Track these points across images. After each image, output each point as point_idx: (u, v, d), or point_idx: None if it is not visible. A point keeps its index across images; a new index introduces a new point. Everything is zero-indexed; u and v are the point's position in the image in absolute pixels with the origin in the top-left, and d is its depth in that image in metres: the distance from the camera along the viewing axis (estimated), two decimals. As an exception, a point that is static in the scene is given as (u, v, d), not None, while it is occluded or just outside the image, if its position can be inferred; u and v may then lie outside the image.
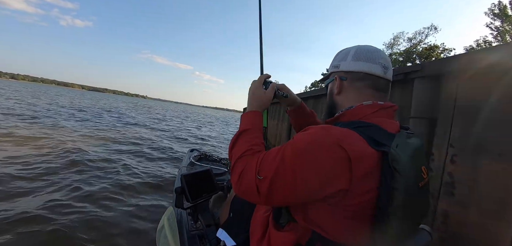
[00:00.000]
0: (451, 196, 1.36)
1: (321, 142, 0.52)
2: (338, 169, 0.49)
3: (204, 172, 1.37)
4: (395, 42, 22.11)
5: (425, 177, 0.57)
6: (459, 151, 1.36)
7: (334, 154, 0.50)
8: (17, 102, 12.06)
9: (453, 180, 1.36)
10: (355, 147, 0.50)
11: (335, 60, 0.75)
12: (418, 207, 0.57)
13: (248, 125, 0.74)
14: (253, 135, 0.71)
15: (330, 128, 0.55)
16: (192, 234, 1.18)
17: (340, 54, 0.74)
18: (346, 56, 0.70)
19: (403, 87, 1.82)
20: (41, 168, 3.15)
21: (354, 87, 0.68)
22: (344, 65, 0.70)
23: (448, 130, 1.42)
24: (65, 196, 2.49)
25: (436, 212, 1.43)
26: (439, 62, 1.50)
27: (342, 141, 0.50)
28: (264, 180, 0.55)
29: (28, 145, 4.23)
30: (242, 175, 0.61)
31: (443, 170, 1.42)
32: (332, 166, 0.50)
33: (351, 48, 0.72)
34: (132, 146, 5.39)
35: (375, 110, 0.63)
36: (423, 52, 19.58)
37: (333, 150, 0.50)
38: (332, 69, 0.75)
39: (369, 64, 0.66)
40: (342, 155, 0.49)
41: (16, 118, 7.04)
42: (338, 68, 0.72)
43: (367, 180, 0.51)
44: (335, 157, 0.50)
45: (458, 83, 1.41)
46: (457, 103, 1.40)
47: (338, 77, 0.70)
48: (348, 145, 0.50)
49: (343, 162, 0.49)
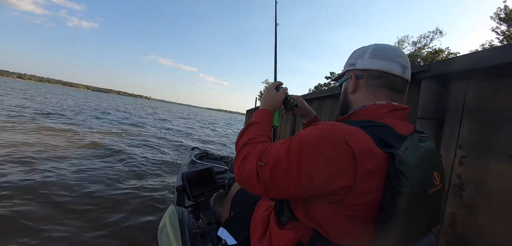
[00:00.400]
0: (460, 198, 1.33)
1: (328, 137, 0.51)
2: (343, 164, 0.49)
3: (205, 170, 1.37)
4: (400, 46, 22.02)
5: (437, 184, 0.55)
6: (468, 152, 1.33)
7: (340, 149, 0.49)
8: (45, 102, 13.17)
9: (462, 181, 1.33)
10: (362, 144, 0.49)
11: (351, 58, 0.73)
12: (426, 214, 0.54)
13: (257, 118, 0.77)
14: (260, 127, 0.73)
15: (339, 125, 0.54)
16: (194, 232, 1.18)
17: (357, 52, 0.72)
18: (363, 54, 0.69)
19: (409, 88, 1.78)
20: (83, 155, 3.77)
21: (369, 85, 0.66)
22: (360, 63, 0.69)
23: (457, 131, 1.40)
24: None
25: (444, 214, 1.40)
26: (447, 61, 1.47)
27: (349, 138, 0.50)
28: (265, 167, 0.55)
29: (70, 139, 4.96)
30: (244, 160, 0.61)
31: (452, 171, 1.39)
32: (337, 161, 0.49)
33: (369, 46, 0.70)
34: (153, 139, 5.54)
35: (388, 111, 0.61)
36: (428, 56, 19.45)
37: (340, 146, 0.49)
38: (347, 67, 0.73)
39: (387, 63, 0.64)
40: (348, 151, 0.48)
41: (48, 117, 7.93)
42: (354, 66, 0.71)
43: (371, 179, 0.49)
44: (341, 153, 0.49)
45: (467, 83, 1.38)
46: (466, 103, 1.38)
47: (354, 75, 0.69)
48: (355, 142, 0.49)
49: (348, 158, 0.48)
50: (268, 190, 0.56)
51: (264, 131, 0.72)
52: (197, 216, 1.25)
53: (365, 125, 0.56)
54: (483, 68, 1.27)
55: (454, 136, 1.41)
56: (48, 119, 7.33)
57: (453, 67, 1.42)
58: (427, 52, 20.08)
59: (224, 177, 1.75)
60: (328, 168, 0.49)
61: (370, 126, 0.56)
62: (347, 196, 0.50)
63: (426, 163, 0.52)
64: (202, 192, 1.27)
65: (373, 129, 0.54)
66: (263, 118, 0.77)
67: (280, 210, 0.67)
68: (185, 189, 1.20)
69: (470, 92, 1.36)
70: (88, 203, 2.41)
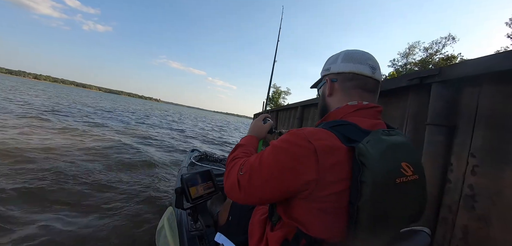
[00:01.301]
0: (472, 210, 1.26)
1: (293, 138, 0.57)
2: (306, 160, 0.53)
3: (204, 172, 1.35)
4: (411, 52, 21.63)
5: (408, 173, 0.56)
6: (481, 161, 1.26)
7: (302, 147, 0.54)
8: (70, 105, 13.57)
9: (474, 192, 1.26)
10: (323, 141, 0.54)
11: (326, 64, 0.79)
12: (397, 204, 0.56)
13: (244, 141, 0.90)
14: (246, 148, 0.85)
15: (303, 129, 0.59)
16: (192, 235, 1.17)
17: (331, 59, 0.78)
18: (336, 59, 0.75)
19: (418, 93, 1.73)
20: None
21: (343, 88, 0.72)
22: (334, 67, 0.74)
23: (469, 139, 1.33)
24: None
25: (454, 226, 1.33)
26: (459, 65, 1.40)
27: (311, 137, 0.55)
28: (244, 175, 0.63)
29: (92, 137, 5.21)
30: (229, 172, 0.71)
31: (463, 181, 1.32)
32: (301, 158, 0.54)
33: (341, 52, 0.76)
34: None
35: (355, 110, 0.66)
36: (439, 63, 19.00)
37: (302, 145, 0.55)
38: (323, 73, 0.79)
39: (357, 65, 0.69)
40: (309, 147, 0.54)
41: (73, 118, 8.28)
42: (329, 71, 0.76)
43: (335, 171, 0.53)
44: (304, 150, 0.54)
45: (480, 88, 1.31)
46: (479, 109, 1.31)
47: (329, 79, 0.75)
48: (316, 140, 0.54)
49: (310, 154, 0.53)
50: (247, 195, 0.63)
51: (248, 151, 0.83)
52: (195, 218, 1.24)
53: (333, 125, 0.61)
54: (497, 73, 1.20)
55: (466, 144, 1.34)
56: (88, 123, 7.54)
57: (466, 72, 1.35)
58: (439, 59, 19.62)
59: (223, 179, 1.72)
60: (294, 165, 0.55)
61: (337, 125, 0.61)
62: (316, 189, 0.53)
63: (390, 154, 0.54)
64: (201, 194, 1.25)
65: (339, 128, 0.59)
66: (248, 142, 0.89)
67: (271, 212, 0.74)
68: (183, 191, 1.18)
69: (484, 98, 1.29)
70: (85, 201, 2.42)
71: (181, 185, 1.20)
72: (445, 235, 1.37)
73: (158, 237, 1.30)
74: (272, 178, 0.58)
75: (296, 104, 5.79)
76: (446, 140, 1.44)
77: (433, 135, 1.50)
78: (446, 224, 1.37)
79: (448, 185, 1.40)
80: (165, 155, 5.15)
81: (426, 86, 1.61)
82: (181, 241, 1.13)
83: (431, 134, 1.51)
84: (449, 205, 1.37)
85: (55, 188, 2.54)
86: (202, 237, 1.16)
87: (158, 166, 4.02)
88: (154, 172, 3.67)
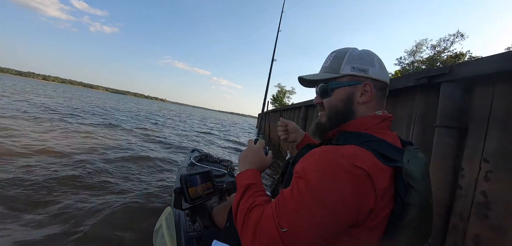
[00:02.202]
0: (485, 219, 1.17)
1: (334, 168, 0.48)
2: (361, 190, 0.47)
3: (204, 173, 1.35)
4: (418, 50, 21.21)
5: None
6: (495, 166, 1.17)
7: (352, 176, 0.47)
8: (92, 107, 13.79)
9: (487, 200, 1.18)
10: (369, 163, 0.49)
11: (356, 60, 0.64)
12: (427, 224, 0.54)
13: (251, 179, 0.68)
14: (258, 189, 0.65)
15: (336, 150, 0.51)
16: (190, 236, 1.16)
17: (363, 56, 0.65)
18: (372, 62, 0.64)
19: (427, 93, 1.64)
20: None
21: (377, 97, 0.65)
22: (373, 71, 0.64)
23: (482, 142, 1.24)
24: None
25: (465, 236, 1.24)
26: (471, 63, 1.31)
27: (355, 160, 0.48)
28: (288, 233, 0.48)
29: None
30: (258, 229, 0.52)
31: (475, 188, 1.23)
32: (355, 190, 0.47)
33: (370, 53, 0.66)
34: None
35: (381, 120, 0.62)
36: (447, 61, 18.58)
37: (350, 172, 0.47)
38: (355, 72, 0.64)
39: (386, 74, 0.66)
40: (361, 173, 0.47)
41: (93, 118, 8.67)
42: (366, 73, 0.63)
43: (386, 194, 0.50)
44: (355, 179, 0.47)
45: (493, 87, 1.23)
46: (492, 111, 1.22)
47: (371, 84, 0.63)
48: (362, 162, 0.48)
49: (364, 180, 0.47)
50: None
51: (261, 192, 0.65)
52: (193, 219, 1.24)
53: (363, 141, 0.55)
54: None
55: (478, 148, 1.25)
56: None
57: (478, 70, 1.27)
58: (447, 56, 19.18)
59: (222, 181, 1.72)
60: (349, 202, 0.47)
61: (367, 142, 0.54)
62: (370, 218, 0.49)
63: (427, 174, 0.54)
64: (200, 195, 1.25)
65: (372, 144, 0.54)
66: (256, 179, 0.69)
67: None
68: (183, 191, 1.18)
69: (498, 98, 1.21)
70: (82, 199, 2.42)
71: (180, 185, 1.20)
72: (455, 244, 1.29)
73: (156, 237, 1.28)
74: (324, 222, 0.47)
75: (300, 104, 5.71)
76: (456, 143, 1.35)
77: (442, 137, 1.41)
78: (457, 233, 1.29)
79: (459, 191, 1.31)
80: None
81: (435, 85, 1.52)
82: (178, 242, 1.12)
83: (441, 137, 1.42)
84: (460, 212, 1.29)
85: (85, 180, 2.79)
86: (200, 238, 1.14)
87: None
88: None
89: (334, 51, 0.69)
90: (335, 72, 0.66)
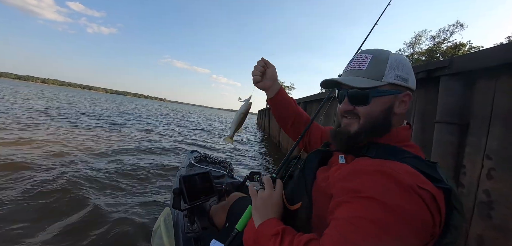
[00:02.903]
0: (488, 219, 1.13)
1: (405, 187, 0.43)
2: (431, 212, 0.43)
3: (203, 174, 1.35)
4: (417, 41, 21.05)
5: None
6: (498, 164, 1.12)
7: (418, 199, 0.43)
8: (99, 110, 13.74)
9: (491, 199, 1.13)
10: (427, 184, 0.45)
11: (399, 68, 0.57)
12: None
13: (281, 225, 0.58)
14: (294, 232, 0.56)
15: (395, 168, 0.46)
16: (188, 236, 1.16)
17: (404, 64, 0.59)
18: (411, 70, 0.60)
19: (426, 88, 1.58)
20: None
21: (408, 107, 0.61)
22: (412, 81, 0.59)
23: (484, 138, 1.19)
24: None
25: (468, 236, 1.20)
26: (472, 56, 1.25)
27: (417, 180, 0.44)
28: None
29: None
30: None
31: (478, 186, 1.18)
32: (426, 212, 0.43)
33: (407, 59, 0.61)
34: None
35: (410, 132, 0.60)
36: (447, 51, 18.43)
37: (418, 193, 0.43)
38: (398, 80, 0.57)
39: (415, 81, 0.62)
40: (426, 196, 0.43)
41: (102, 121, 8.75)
42: (407, 82, 0.58)
43: (443, 217, 0.46)
44: (421, 202, 0.43)
45: (496, 81, 1.17)
46: (495, 106, 1.16)
47: (410, 94, 0.58)
48: (423, 183, 0.44)
49: (431, 202, 0.43)
50: None
51: (296, 241, 0.53)
52: (192, 220, 1.23)
53: (402, 157, 0.50)
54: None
55: (480, 144, 1.20)
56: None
57: (480, 63, 1.21)
58: (446, 47, 19.03)
59: (221, 182, 1.71)
60: (421, 229, 0.43)
61: (407, 158, 0.50)
62: (430, 243, 0.46)
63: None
64: (199, 196, 1.26)
65: (410, 161, 0.49)
66: (285, 231, 0.57)
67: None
68: (181, 191, 1.19)
69: (500, 93, 1.15)
70: (81, 200, 2.41)
71: (179, 185, 1.21)
72: (457, 245, 1.24)
73: (154, 237, 1.28)
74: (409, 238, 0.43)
75: (298, 101, 5.66)
76: (457, 139, 1.30)
77: (442, 134, 1.36)
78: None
79: (460, 190, 1.26)
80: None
81: (435, 80, 1.46)
82: (176, 243, 1.12)
83: (441, 133, 1.37)
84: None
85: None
86: (198, 239, 1.14)
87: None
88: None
89: (369, 52, 0.61)
90: (377, 78, 0.57)
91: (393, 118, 0.58)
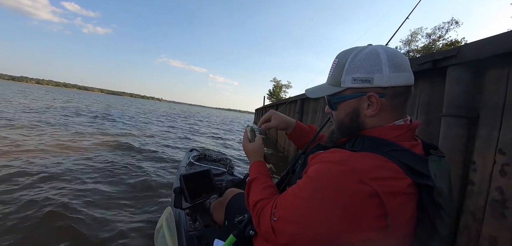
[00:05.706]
0: (502, 218, 1.04)
1: (341, 181, 0.47)
2: (364, 208, 0.44)
3: (203, 172, 1.36)
4: (413, 39, 21.09)
5: None
6: (511, 159, 1.03)
7: (357, 194, 0.45)
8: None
9: (504, 197, 1.04)
10: (386, 180, 0.45)
11: (357, 70, 0.56)
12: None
13: (254, 174, 0.77)
14: (262, 181, 0.73)
15: (349, 160, 0.48)
16: (191, 235, 1.17)
17: (367, 62, 0.55)
18: (380, 65, 0.54)
19: (431, 79, 1.49)
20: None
21: (392, 105, 0.55)
22: (380, 78, 0.53)
23: (496, 132, 1.10)
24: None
25: (480, 237, 1.11)
26: (482, 43, 1.17)
27: (365, 175, 0.45)
28: (278, 221, 0.55)
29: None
30: (259, 219, 0.62)
31: (490, 183, 1.10)
32: (357, 208, 0.45)
33: (378, 53, 0.55)
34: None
35: (404, 132, 0.55)
36: (443, 49, 18.53)
37: (356, 190, 0.45)
38: (356, 83, 0.56)
39: (407, 75, 0.55)
40: (365, 190, 0.44)
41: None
42: (371, 83, 0.54)
43: (405, 209, 0.46)
44: (359, 196, 0.44)
45: (509, 70, 1.08)
46: (508, 96, 1.08)
47: (376, 94, 0.54)
48: (374, 180, 0.44)
49: (369, 199, 0.44)
50: (288, 244, 0.54)
51: (266, 183, 0.72)
52: (194, 218, 1.26)
53: (387, 151, 0.50)
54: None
55: (492, 138, 1.11)
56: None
57: (490, 50, 1.12)
58: (442, 44, 19.10)
59: (222, 179, 1.74)
60: (346, 217, 0.45)
61: (391, 151, 0.50)
62: (386, 236, 0.45)
63: (451, 186, 0.50)
64: (200, 194, 1.27)
65: (395, 153, 0.49)
66: (259, 172, 0.77)
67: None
68: (182, 190, 1.20)
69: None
70: (82, 200, 2.36)
71: (179, 184, 1.22)
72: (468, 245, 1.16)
73: (157, 236, 1.28)
74: (316, 224, 0.48)
75: (295, 98, 5.59)
76: (466, 133, 1.22)
77: (450, 127, 1.27)
78: (469, 234, 1.16)
79: (470, 188, 1.18)
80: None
81: (441, 70, 1.37)
82: (179, 241, 1.13)
83: (448, 127, 1.28)
84: (473, 211, 1.15)
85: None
86: (201, 237, 1.15)
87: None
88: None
89: (338, 56, 0.62)
90: (336, 85, 0.59)
91: (367, 121, 0.57)
